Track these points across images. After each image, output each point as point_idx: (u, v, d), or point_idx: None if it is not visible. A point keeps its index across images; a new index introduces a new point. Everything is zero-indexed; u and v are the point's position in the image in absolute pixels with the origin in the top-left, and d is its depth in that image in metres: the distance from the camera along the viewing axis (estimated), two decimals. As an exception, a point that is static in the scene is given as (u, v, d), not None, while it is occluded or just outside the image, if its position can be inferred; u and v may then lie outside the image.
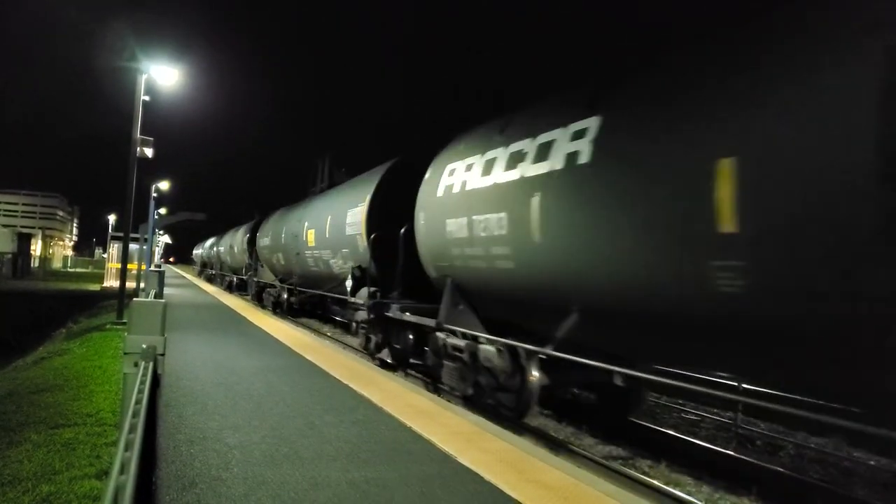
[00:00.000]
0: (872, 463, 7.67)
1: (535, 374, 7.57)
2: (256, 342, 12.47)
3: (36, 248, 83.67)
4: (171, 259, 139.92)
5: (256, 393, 7.49)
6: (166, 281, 25.43)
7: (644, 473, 7.06)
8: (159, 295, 16.22)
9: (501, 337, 8.02)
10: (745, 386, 6.47)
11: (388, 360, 11.89)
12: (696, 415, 9.81)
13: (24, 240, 73.15)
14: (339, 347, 13.80)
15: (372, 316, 11.88)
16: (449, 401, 8.20)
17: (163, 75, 17.17)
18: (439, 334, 9.35)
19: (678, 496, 6.27)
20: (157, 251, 60.25)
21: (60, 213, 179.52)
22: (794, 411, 4.67)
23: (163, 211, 46.41)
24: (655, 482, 6.61)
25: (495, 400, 8.12)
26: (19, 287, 46.45)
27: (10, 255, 65.10)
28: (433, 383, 10.37)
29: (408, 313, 10.69)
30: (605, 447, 8.11)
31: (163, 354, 5.39)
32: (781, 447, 8.29)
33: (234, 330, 14.62)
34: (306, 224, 17.65)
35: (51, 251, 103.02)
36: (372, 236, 12.11)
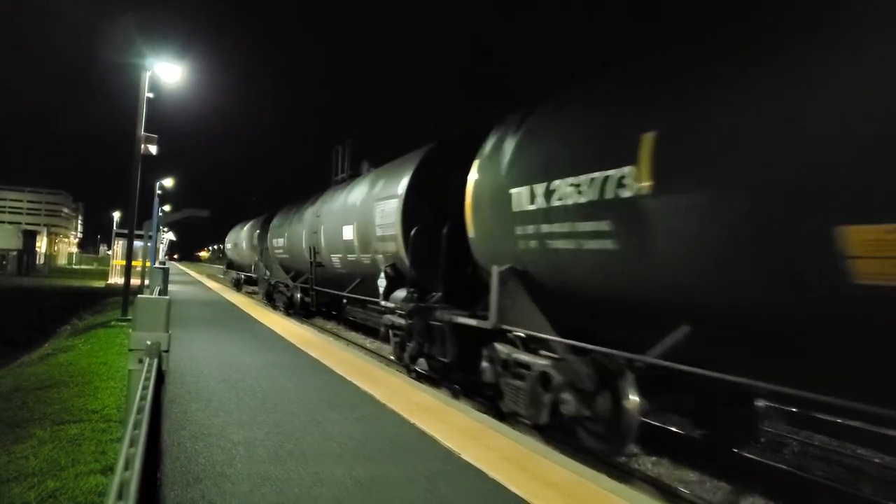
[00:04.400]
0: (878, 461, 7.65)
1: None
2: (260, 339, 12.50)
3: (41, 245, 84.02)
4: (175, 256, 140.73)
5: (261, 389, 7.50)
6: (170, 278, 25.49)
7: (647, 470, 7.06)
8: (164, 292, 16.26)
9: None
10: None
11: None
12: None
13: (30, 237, 73.49)
14: (343, 345, 13.83)
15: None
16: (457, 398, 8.19)
17: (167, 72, 17.20)
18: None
19: (682, 493, 6.26)
20: (162, 248, 60.30)
21: (65, 211, 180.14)
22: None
23: (167, 208, 46.60)
24: (659, 479, 6.61)
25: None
26: (25, 284, 46.66)
27: (15, 253, 65.40)
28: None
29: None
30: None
31: (167, 351, 5.40)
32: (786, 444, 8.27)
33: (238, 326, 14.65)
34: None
35: (56, 248, 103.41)
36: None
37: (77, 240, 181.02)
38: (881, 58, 3.87)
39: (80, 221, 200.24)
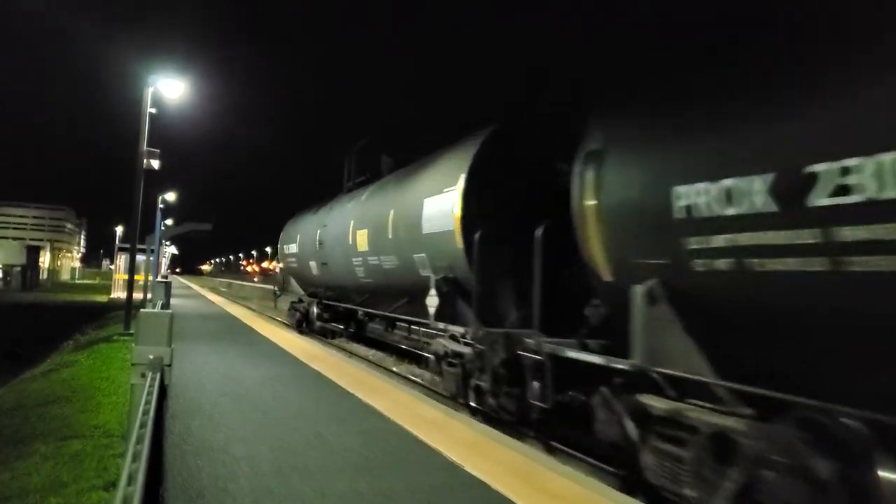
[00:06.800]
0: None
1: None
2: (262, 352, 12.48)
3: (44, 260, 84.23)
4: (177, 269, 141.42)
5: (263, 403, 7.48)
6: (173, 291, 25.53)
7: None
8: (166, 305, 16.27)
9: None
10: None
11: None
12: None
13: (33, 252, 73.76)
14: (345, 356, 13.79)
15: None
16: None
17: (169, 88, 17.31)
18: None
19: (688, 505, 6.17)
20: (164, 262, 60.34)
21: (68, 226, 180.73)
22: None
23: (169, 222, 46.74)
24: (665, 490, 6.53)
25: None
26: (28, 299, 46.80)
27: (19, 268, 65.60)
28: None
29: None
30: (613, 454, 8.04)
31: (170, 365, 5.40)
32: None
33: (240, 339, 14.64)
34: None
35: (59, 263, 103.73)
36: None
37: (80, 254, 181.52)
38: None
39: (83, 236, 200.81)
